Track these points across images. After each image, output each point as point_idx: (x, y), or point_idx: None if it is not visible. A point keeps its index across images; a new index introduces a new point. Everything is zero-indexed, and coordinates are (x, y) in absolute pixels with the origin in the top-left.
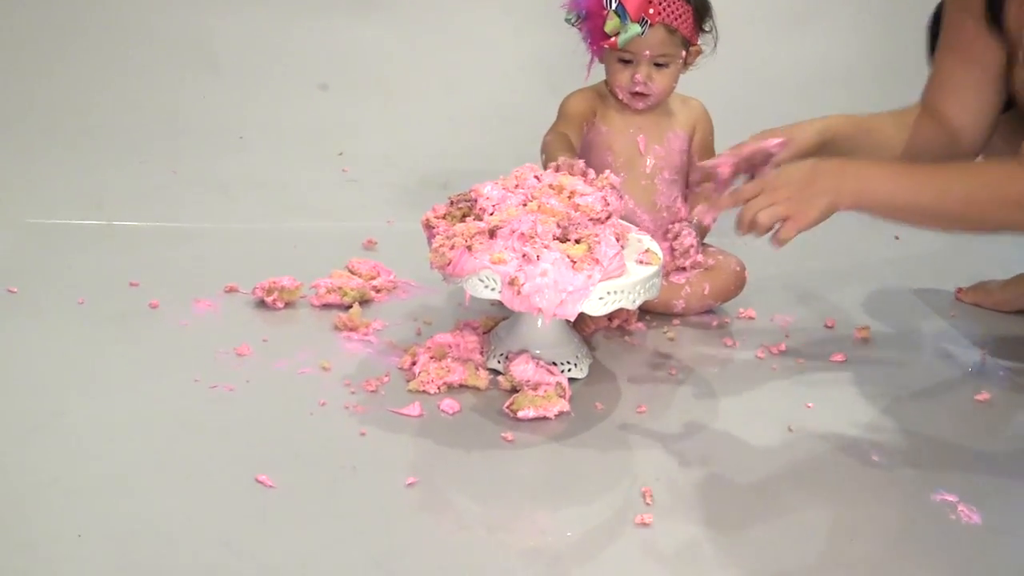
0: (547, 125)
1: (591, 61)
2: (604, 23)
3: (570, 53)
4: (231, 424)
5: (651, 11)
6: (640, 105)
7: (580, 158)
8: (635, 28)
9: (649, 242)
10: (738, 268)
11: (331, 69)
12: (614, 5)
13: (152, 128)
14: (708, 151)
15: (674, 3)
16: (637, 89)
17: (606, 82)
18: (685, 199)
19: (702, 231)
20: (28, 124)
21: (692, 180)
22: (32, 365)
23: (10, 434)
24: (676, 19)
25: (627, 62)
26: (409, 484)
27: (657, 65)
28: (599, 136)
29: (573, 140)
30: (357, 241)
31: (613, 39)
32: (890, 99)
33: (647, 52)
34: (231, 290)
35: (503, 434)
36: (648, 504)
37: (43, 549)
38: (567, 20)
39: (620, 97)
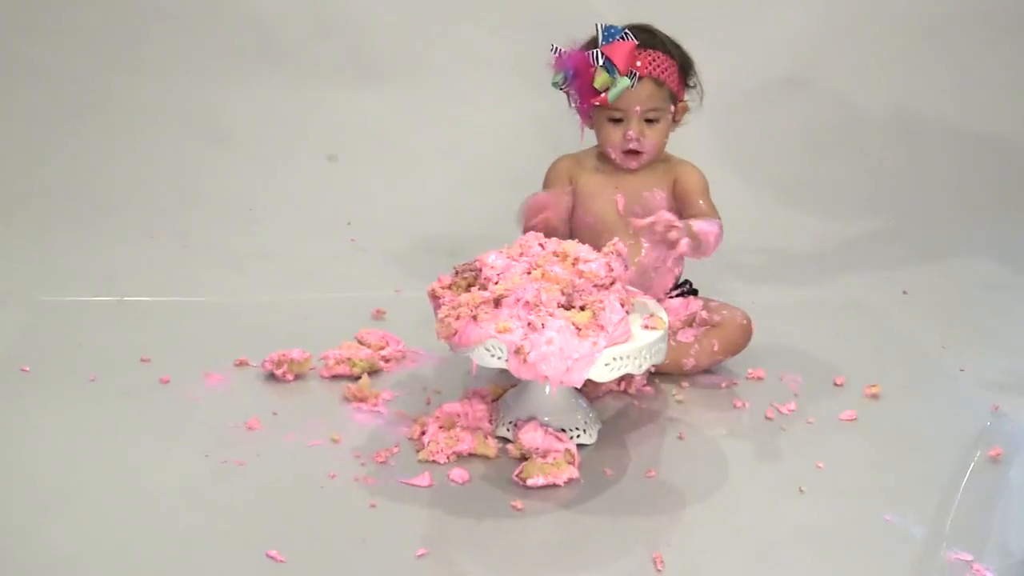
0: None
1: (583, 126)
2: (593, 79)
3: (572, 116)
4: (241, 499)
5: (638, 64)
6: (634, 164)
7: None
8: (625, 81)
9: (654, 307)
10: (744, 321)
11: (338, 140)
12: (601, 60)
13: (162, 202)
14: (694, 205)
15: (659, 57)
16: (630, 147)
17: (596, 146)
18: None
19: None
20: (38, 201)
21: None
22: (43, 443)
23: (21, 512)
24: (662, 72)
25: (617, 120)
26: (420, 556)
27: (648, 121)
28: (580, 200)
29: None
30: (366, 311)
31: (604, 95)
32: (896, 155)
33: (637, 108)
34: (241, 363)
35: (513, 502)
36: (659, 570)
37: None
38: (554, 84)
39: (613, 157)
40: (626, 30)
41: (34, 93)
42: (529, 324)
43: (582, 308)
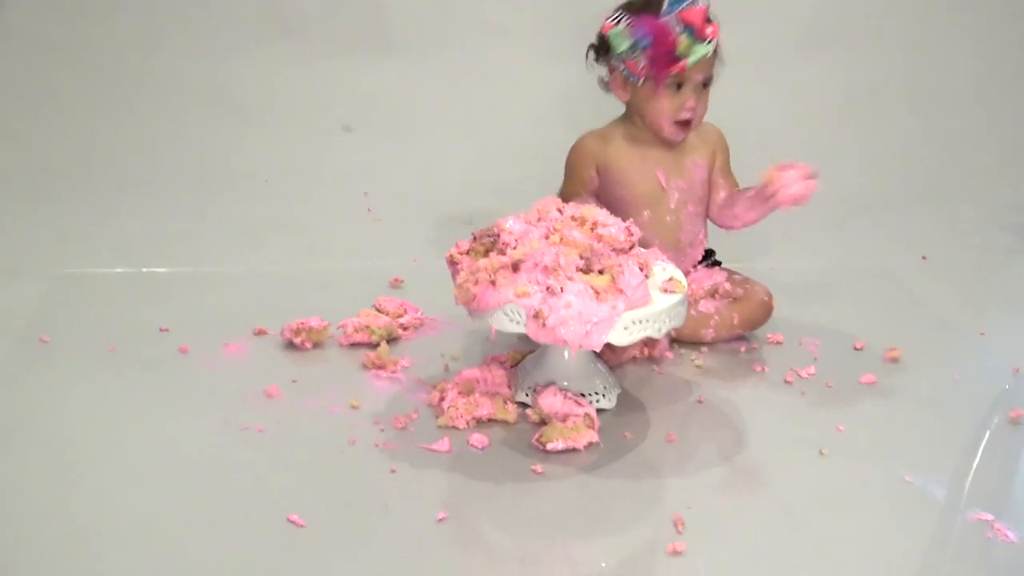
0: None
1: (634, 87)
2: (675, 47)
3: (591, 87)
4: (262, 465)
5: (709, 30)
6: (682, 136)
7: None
8: (704, 48)
9: (673, 270)
10: (766, 297)
11: (354, 111)
12: (681, 26)
13: (179, 175)
14: (729, 175)
15: (714, 20)
16: (685, 116)
17: (621, 120)
18: (706, 232)
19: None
20: (55, 175)
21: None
22: (64, 413)
23: (43, 481)
24: (717, 36)
25: (676, 88)
26: (440, 520)
27: (705, 85)
28: (612, 179)
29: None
30: (384, 280)
31: (682, 63)
32: (915, 121)
33: (699, 75)
34: (260, 333)
35: (533, 467)
36: (680, 532)
37: None
38: (619, 54)
39: (664, 130)
40: None
41: (51, 68)
42: (548, 288)
43: (601, 272)
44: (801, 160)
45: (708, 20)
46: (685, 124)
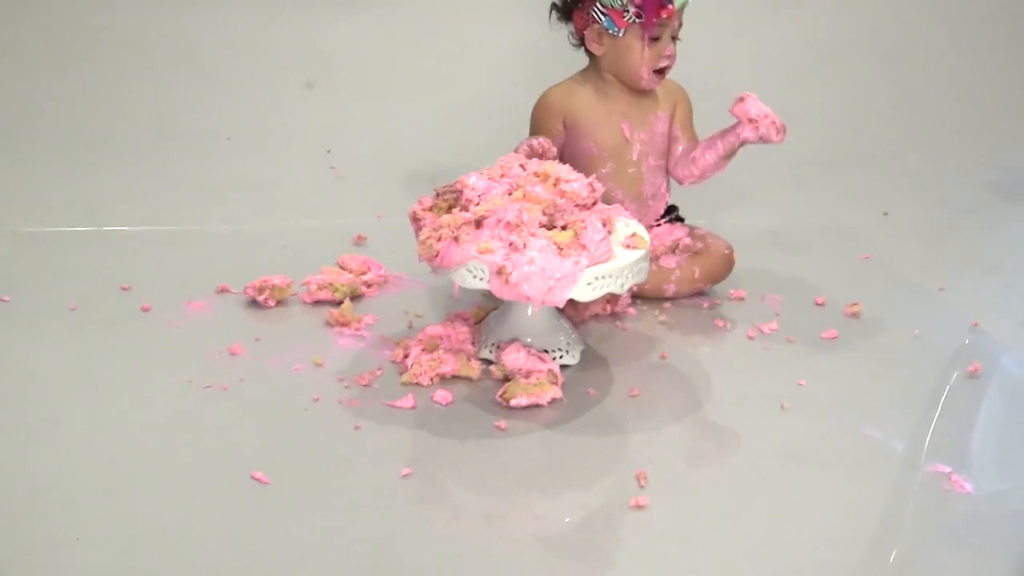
0: None
1: (612, 39)
2: None
3: (555, 41)
4: (226, 423)
5: None
6: (656, 84)
7: (560, 159)
8: None
9: (636, 226)
10: (727, 251)
11: (316, 67)
12: None
13: (139, 132)
14: (689, 129)
15: None
16: (664, 64)
17: (585, 72)
18: (668, 186)
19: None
20: (13, 133)
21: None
22: (25, 372)
23: (5, 441)
24: None
25: (654, 39)
26: (405, 476)
27: (673, 38)
28: (579, 132)
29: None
30: (347, 237)
31: (670, 7)
32: (879, 77)
33: (675, 22)
34: (223, 290)
35: (496, 423)
36: (643, 487)
37: (41, 554)
38: (610, 3)
39: (643, 80)
40: None
41: (5, 24)
42: (511, 244)
43: (564, 228)
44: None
45: None
46: (661, 72)
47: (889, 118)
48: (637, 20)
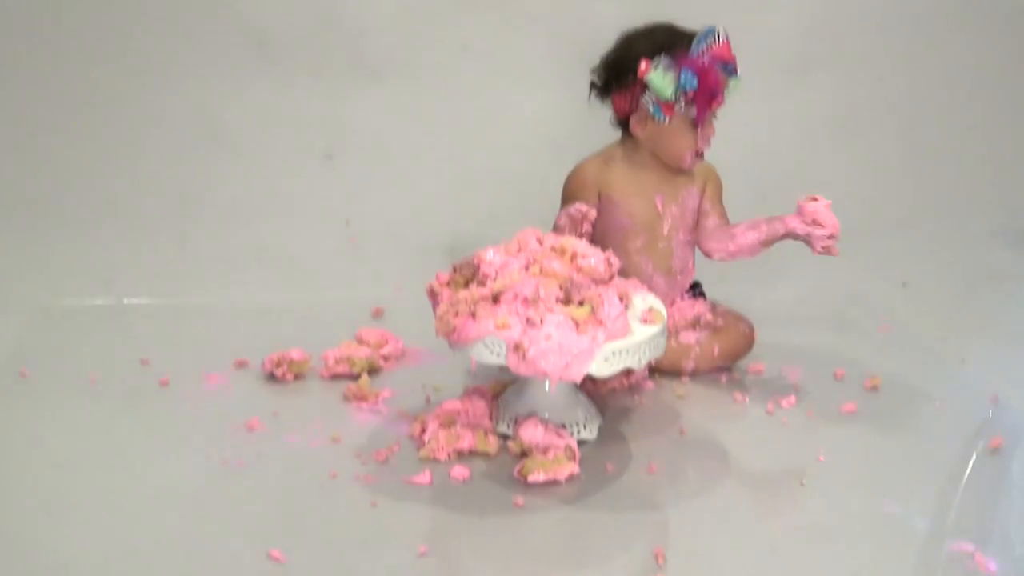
0: (551, 188)
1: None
2: (720, 86)
3: (573, 116)
4: (242, 499)
5: (734, 59)
6: (696, 165)
7: (594, 230)
8: (737, 80)
9: (653, 301)
10: (747, 330)
11: (335, 138)
12: (719, 64)
13: (159, 204)
14: (719, 205)
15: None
16: (705, 147)
17: (619, 144)
18: (694, 262)
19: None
20: (35, 206)
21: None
22: (43, 447)
23: (22, 516)
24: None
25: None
26: (421, 554)
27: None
28: (613, 205)
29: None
30: (365, 310)
31: (720, 98)
32: (895, 146)
33: (718, 106)
34: (241, 364)
35: (514, 499)
36: (661, 565)
37: None
38: (667, 97)
39: (686, 162)
40: (717, 28)
41: (31, 96)
42: (528, 320)
43: (580, 303)
44: (776, 184)
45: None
46: (701, 154)
47: (905, 187)
48: (688, 112)
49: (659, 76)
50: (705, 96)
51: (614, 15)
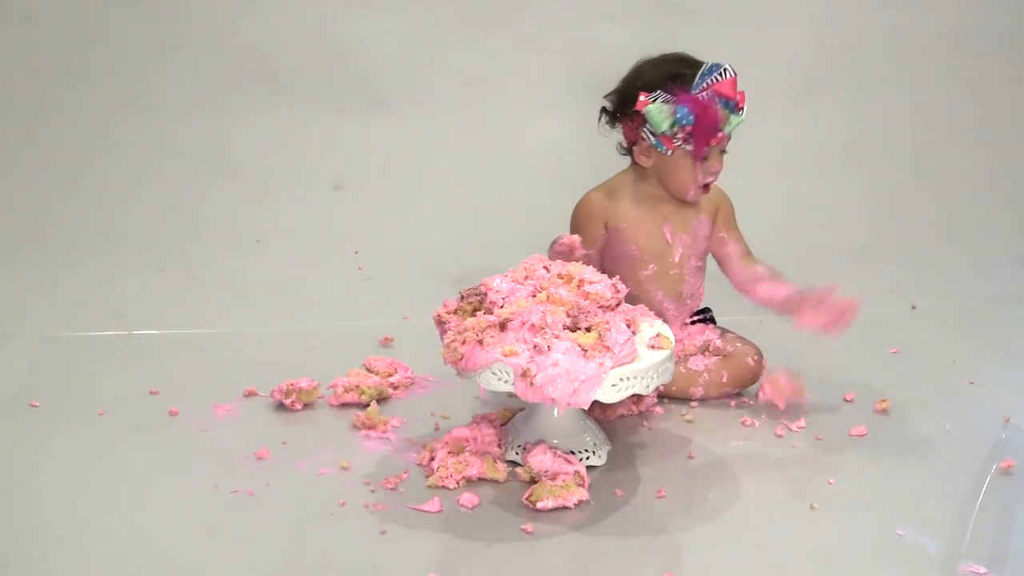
0: (559, 216)
1: (660, 156)
2: (718, 123)
3: (579, 144)
4: (252, 528)
5: (739, 96)
6: (700, 197)
7: (599, 259)
8: (739, 118)
9: (660, 326)
10: (756, 357)
11: (344, 169)
12: (719, 100)
13: (168, 235)
14: (735, 230)
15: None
16: (710, 180)
17: (625, 173)
18: (703, 286)
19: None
20: (45, 238)
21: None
22: (53, 478)
23: (32, 547)
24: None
25: (704, 159)
26: None
27: (722, 151)
28: (621, 235)
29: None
30: (374, 339)
31: (720, 135)
32: (902, 171)
33: (725, 140)
34: (250, 394)
35: (523, 526)
36: None
37: None
38: (660, 132)
39: (689, 195)
40: (725, 65)
41: (40, 130)
42: (535, 347)
43: (588, 330)
44: (784, 210)
45: (739, 89)
46: (707, 187)
47: (914, 210)
48: (686, 145)
49: (656, 109)
50: (702, 132)
51: (621, 44)
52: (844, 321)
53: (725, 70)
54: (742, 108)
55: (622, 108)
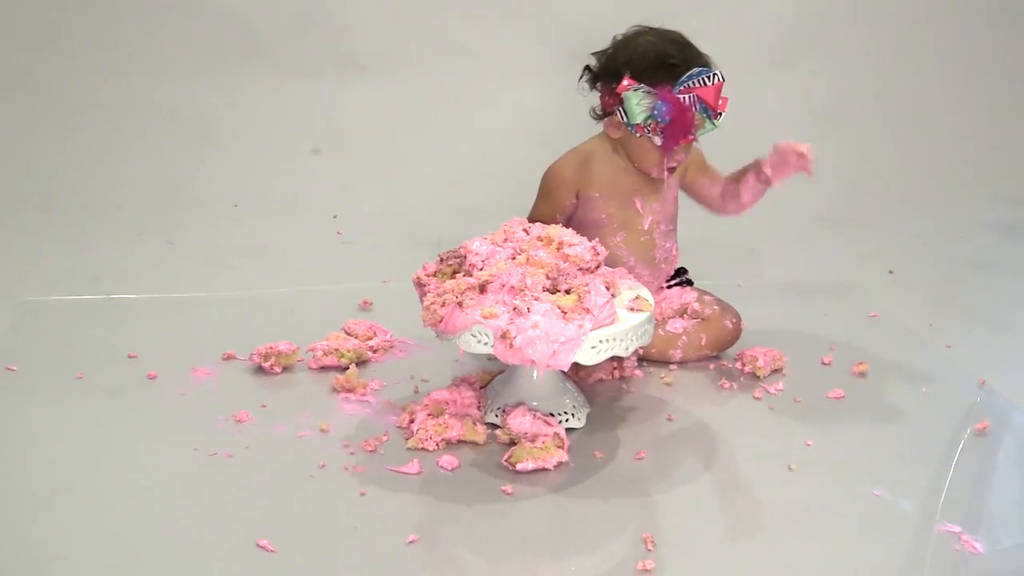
0: (538, 180)
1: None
2: (691, 126)
3: (558, 109)
4: (231, 490)
5: (720, 103)
6: (666, 176)
7: (571, 224)
8: (713, 125)
9: (640, 289)
10: (734, 319)
11: (323, 134)
12: (699, 106)
13: (147, 200)
14: (709, 169)
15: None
16: (673, 165)
17: (600, 137)
18: (677, 248)
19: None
20: (22, 202)
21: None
22: (32, 442)
23: (11, 510)
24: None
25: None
26: (410, 542)
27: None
28: (591, 204)
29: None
30: (353, 302)
31: (690, 137)
32: (881, 136)
33: (695, 139)
34: (229, 357)
35: (503, 487)
36: (650, 550)
37: None
38: (631, 123)
39: (652, 174)
40: (715, 70)
41: (18, 95)
42: (514, 309)
43: (567, 292)
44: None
45: (721, 96)
46: (672, 169)
47: (892, 177)
48: (655, 137)
49: (635, 98)
50: (673, 133)
51: (602, 10)
52: (807, 159)
53: (713, 75)
54: (720, 115)
55: (604, 76)
